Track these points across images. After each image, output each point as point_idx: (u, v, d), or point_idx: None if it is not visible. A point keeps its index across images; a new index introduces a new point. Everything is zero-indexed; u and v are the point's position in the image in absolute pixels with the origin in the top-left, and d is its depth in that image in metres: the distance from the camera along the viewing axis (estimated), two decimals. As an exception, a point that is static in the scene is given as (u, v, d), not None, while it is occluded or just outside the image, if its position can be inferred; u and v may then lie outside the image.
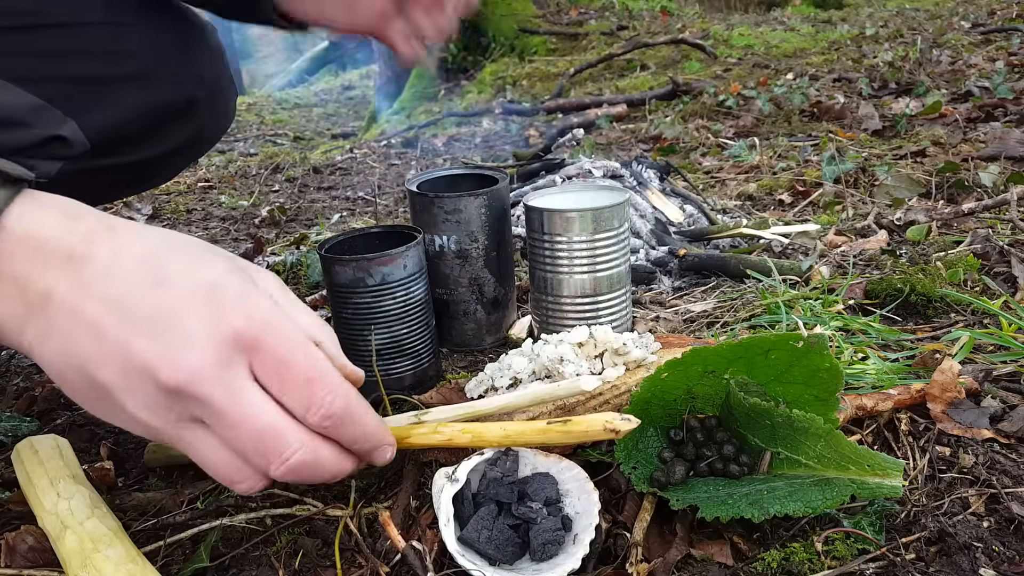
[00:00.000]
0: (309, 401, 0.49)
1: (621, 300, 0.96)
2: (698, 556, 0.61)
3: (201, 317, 0.46)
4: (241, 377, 0.48)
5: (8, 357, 1.20)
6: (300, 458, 0.50)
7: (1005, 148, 1.82)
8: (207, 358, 0.46)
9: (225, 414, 0.47)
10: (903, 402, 0.78)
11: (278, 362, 0.48)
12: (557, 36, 5.97)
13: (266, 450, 0.49)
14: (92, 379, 0.47)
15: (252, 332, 0.47)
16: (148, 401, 0.47)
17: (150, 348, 0.46)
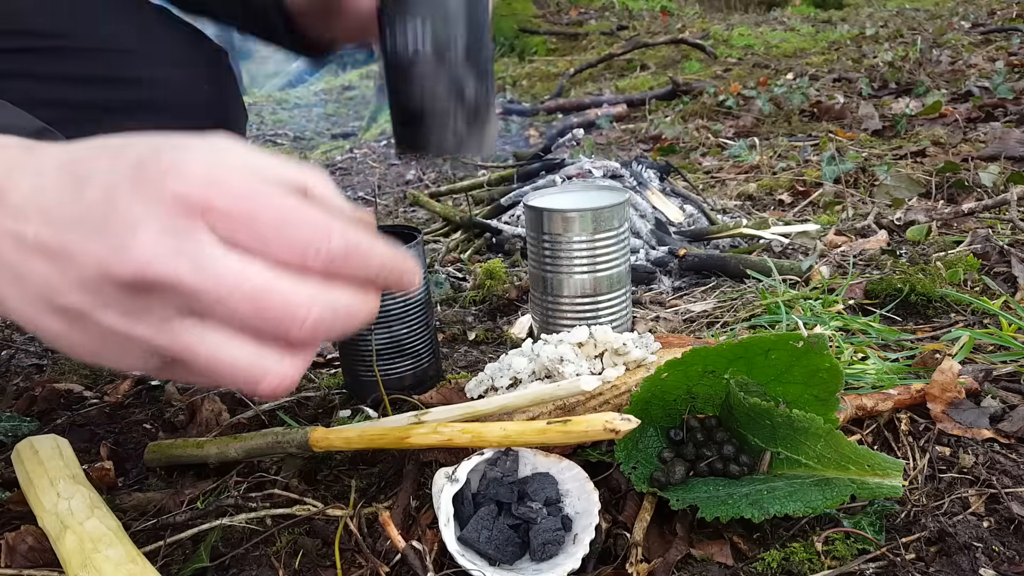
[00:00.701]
0: (301, 248, 0.41)
1: (621, 300, 0.96)
2: (698, 556, 0.61)
3: (134, 196, 0.39)
4: (204, 243, 0.39)
5: (8, 357, 1.20)
6: (318, 314, 0.41)
7: (1005, 148, 1.82)
8: (156, 235, 0.39)
9: (202, 289, 0.39)
10: (903, 402, 0.78)
11: (242, 216, 0.40)
12: (557, 36, 5.97)
13: (274, 318, 0.41)
14: (63, 309, 0.41)
15: (196, 194, 0.39)
16: (120, 308, 0.41)
17: (95, 248, 0.39)
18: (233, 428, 0.88)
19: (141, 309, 0.40)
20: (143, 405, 0.99)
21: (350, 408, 0.90)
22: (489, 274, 1.29)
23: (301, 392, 0.96)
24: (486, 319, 1.21)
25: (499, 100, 4.04)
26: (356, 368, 0.90)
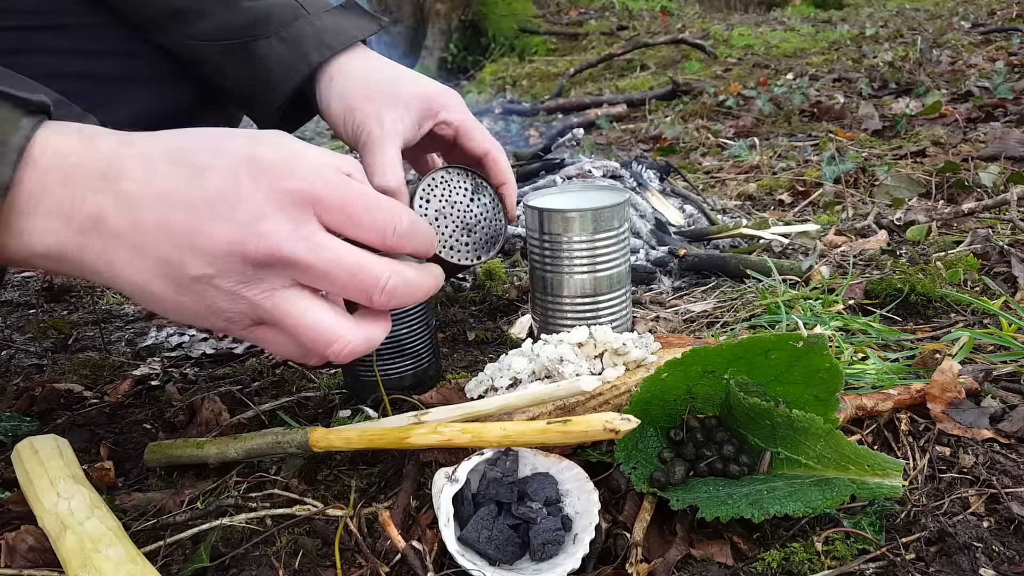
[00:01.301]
0: (381, 229, 0.52)
1: (621, 300, 0.96)
2: (698, 556, 0.61)
3: (256, 189, 0.48)
4: (315, 230, 0.50)
5: (8, 357, 1.20)
6: (393, 282, 0.52)
7: (1005, 148, 1.82)
8: (281, 222, 0.48)
9: (314, 265, 0.50)
10: (903, 402, 0.78)
11: (340, 206, 0.50)
12: (557, 36, 5.97)
13: (363, 286, 0.51)
14: (182, 278, 0.49)
15: (306, 188, 0.49)
16: (238, 278, 0.49)
17: (227, 229, 0.48)
18: (233, 428, 0.88)
19: (255, 279, 0.50)
20: (143, 405, 0.99)
21: (350, 408, 0.90)
22: (489, 274, 1.29)
23: (301, 392, 0.96)
24: (486, 319, 1.21)
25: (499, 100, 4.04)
26: (356, 368, 0.90)
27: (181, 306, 0.52)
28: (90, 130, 0.51)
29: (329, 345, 0.52)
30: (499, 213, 0.84)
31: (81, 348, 1.24)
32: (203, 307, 0.51)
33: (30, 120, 0.48)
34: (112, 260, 0.50)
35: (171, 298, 0.51)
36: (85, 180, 0.49)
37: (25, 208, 0.48)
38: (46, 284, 1.55)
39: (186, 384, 1.04)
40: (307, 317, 0.52)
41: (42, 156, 0.48)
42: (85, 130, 0.51)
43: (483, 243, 0.81)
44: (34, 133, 0.48)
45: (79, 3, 0.84)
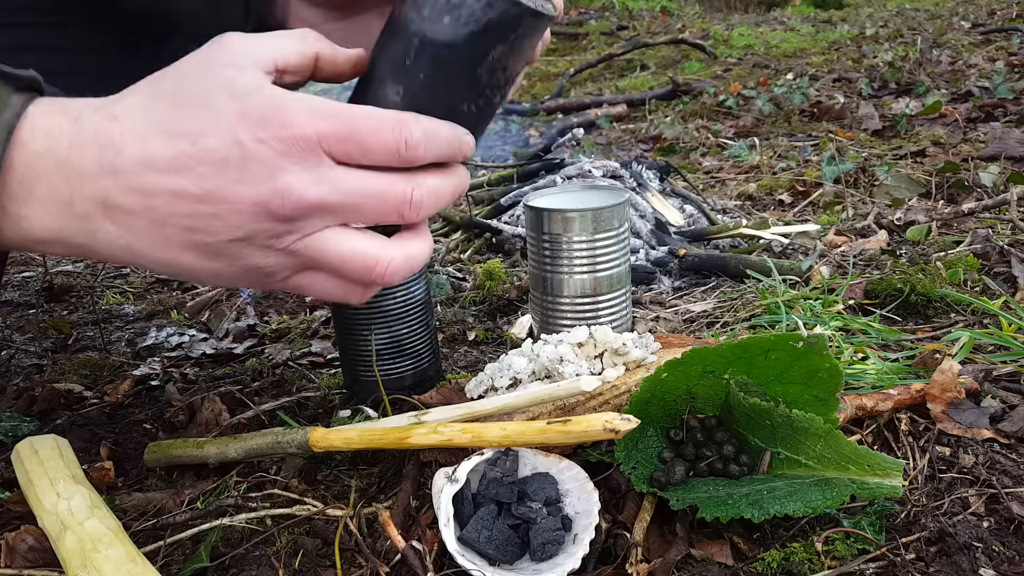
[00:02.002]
0: (392, 147, 0.50)
1: (621, 300, 0.96)
2: (698, 556, 0.61)
3: (260, 144, 0.47)
4: (331, 168, 0.49)
5: (8, 357, 1.20)
6: (418, 194, 0.51)
7: (1005, 148, 1.83)
8: (297, 172, 0.48)
9: (342, 203, 0.49)
10: (903, 402, 0.78)
11: (345, 137, 0.49)
12: (557, 36, 5.97)
13: (391, 207, 0.51)
14: (212, 245, 0.49)
15: (309, 131, 0.48)
16: (272, 233, 0.49)
17: (247, 190, 0.47)
18: (233, 428, 0.88)
19: (286, 232, 0.49)
20: (143, 405, 0.99)
21: (350, 408, 0.90)
22: (489, 274, 1.29)
23: (301, 392, 0.96)
24: (486, 319, 1.21)
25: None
26: (356, 368, 0.90)
27: (216, 272, 0.51)
28: (75, 108, 0.50)
29: (372, 269, 0.52)
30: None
31: (81, 348, 1.24)
32: (239, 268, 0.51)
33: (20, 97, 0.47)
34: (129, 242, 0.49)
35: (204, 266, 0.51)
36: (81, 164, 0.47)
37: (17, 193, 0.47)
38: (46, 284, 1.55)
39: (186, 384, 1.04)
40: (344, 249, 0.51)
41: (31, 138, 0.47)
42: (71, 108, 0.49)
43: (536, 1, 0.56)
44: (24, 111, 0.47)
45: None
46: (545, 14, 0.55)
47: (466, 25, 0.52)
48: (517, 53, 0.56)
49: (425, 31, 0.53)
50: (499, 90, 0.58)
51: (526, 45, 0.56)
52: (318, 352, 1.10)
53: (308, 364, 1.07)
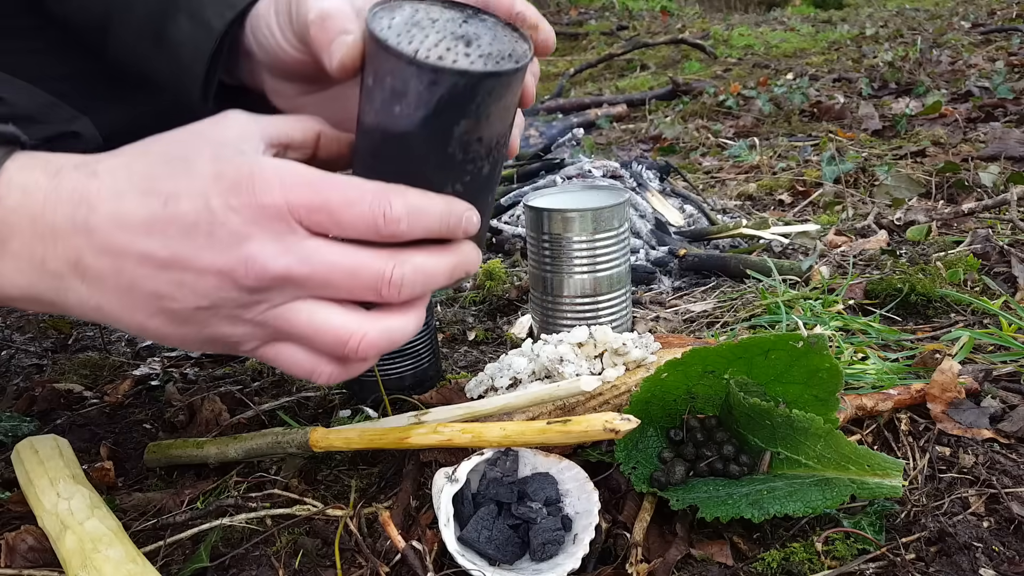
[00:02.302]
0: (369, 221, 0.47)
1: (621, 300, 0.96)
2: (698, 556, 0.61)
3: (230, 210, 0.45)
4: (302, 239, 0.46)
5: (8, 357, 1.20)
6: (399, 271, 0.48)
7: (1005, 148, 1.83)
8: (265, 241, 0.46)
9: (310, 276, 0.47)
10: (903, 402, 0.78)
11: (319, 207, 0.46)
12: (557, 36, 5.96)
13: (366, 283, 0.48)
14: (178, 312, 0.47)
15: (280, 199, 0.46)
16: (239, 303, 0.47)
17: (212, 257, 0.45)
18: (233, 428, 0.88)
19: (254, 302, 0.47)
20: (143, 405, 0.99)
21: (350, 408, 0.90)
22: (489, 274, 1.29)
23: (301, 392, 0.96)
24: (486, 319, 1.21)
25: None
26: (356, 368, 0.90)
27: (184, 338, 0.50)
28: (55, 163, 0.48)
29: (344, 343, 0.49)
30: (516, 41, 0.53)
31: (81, 348, 1.24)
32: (206, 336, 0.49)
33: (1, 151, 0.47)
34: (100, 303, 0.48)
35: (171, 332, 0.49)
36: (55, 222, 0.46)
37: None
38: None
39: (186, 384, 1.04)
40: (315, 321, 0.48)
41: (6, 193, 0.46)
42: (51, 163, 0.48)
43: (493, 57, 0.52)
44: (1, 166, 0.46)
45: None
46: (504, 72, 0.48)
47: (417, 110, 0.48)
48: (489, 118, 0.50)
49: (382, 123, 0.49)
50: (484, 160, 0.52)
51: (497, 108, 0.50)
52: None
53: (308, 364, 1.07)
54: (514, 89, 0.50)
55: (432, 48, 0.51)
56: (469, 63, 0.51)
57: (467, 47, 0.52)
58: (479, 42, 0.52)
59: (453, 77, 0.46)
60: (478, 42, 0.52)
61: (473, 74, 0.46)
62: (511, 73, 0.48)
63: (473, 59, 0.51)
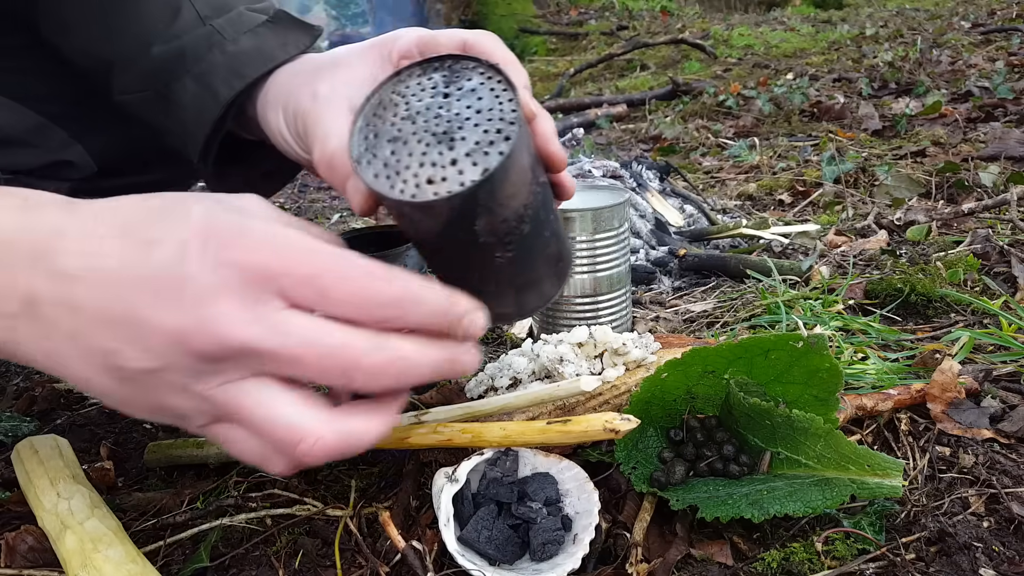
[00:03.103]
0: (361, 300, 0.43)
1: (621, 300, 0.96)
2: (698, 556, 0.61)
3: (203, 265, 0.41)
4: (276, 310, 0.41)
5: (8, 357, 1.20)
6: (378, 358, 0.43)
7: (1005, 148, 1.82)
8: (232, 305, 0.40)
9: (277, 352, 0.41)
10: (903, 402, 0.78)
11: (307, 279, 0.42)
12: (557, 36, 5.97)
13: (342, 366, 0.42)
14: (124, 371, 0.42)
15: (261, 260, 0.41)
16: (190, 372, 0.42)
17: (170, 316, 0.40)
18: (233, 428, 0.88)
19: (207, 372, 0.42)
20: (143, 405, 0.99)
21: (350, 408, 0.90)
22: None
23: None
24: (486, 319, 1.21)
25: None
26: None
27: (128, 400, 0.45)
28: (37, 199, 0.45)
29: (294, 445, 0.43)
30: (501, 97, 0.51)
31: (81, 348, 1.24)
32: (152, 402, 0.44)
33: None
34: (49, 350, 0.43)
35: (118, 393, 0.44)
36: (19, 256, 0.43)
37: None
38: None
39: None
40: (267, 411, 0.43)
41: None
42: (31, 199, 0.45)
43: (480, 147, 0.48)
44: None
45: None
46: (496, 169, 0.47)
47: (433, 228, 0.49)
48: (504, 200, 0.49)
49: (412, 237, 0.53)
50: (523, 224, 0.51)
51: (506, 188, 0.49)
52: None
53: (308, 364, 1.07)
54: (515, 165, 0.49)
55: (419, 170, 0.48)
56: (458, 175, 0.47)
57: (451, 149, 0.49)
58: (463, 131, 0.49)
59: (447, 204, 0.46)
60: (462, 133, 0.49)
61: (465, 192, 0.46)
62: (505, 162, 0.47)
63: (461, 165, 0.48)
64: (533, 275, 0.59)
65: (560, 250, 0.61)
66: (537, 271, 0.59)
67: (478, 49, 0.62)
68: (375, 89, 0.53)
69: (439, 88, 0.52)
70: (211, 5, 0.73)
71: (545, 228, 0.56)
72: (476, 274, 0.54)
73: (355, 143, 0.50)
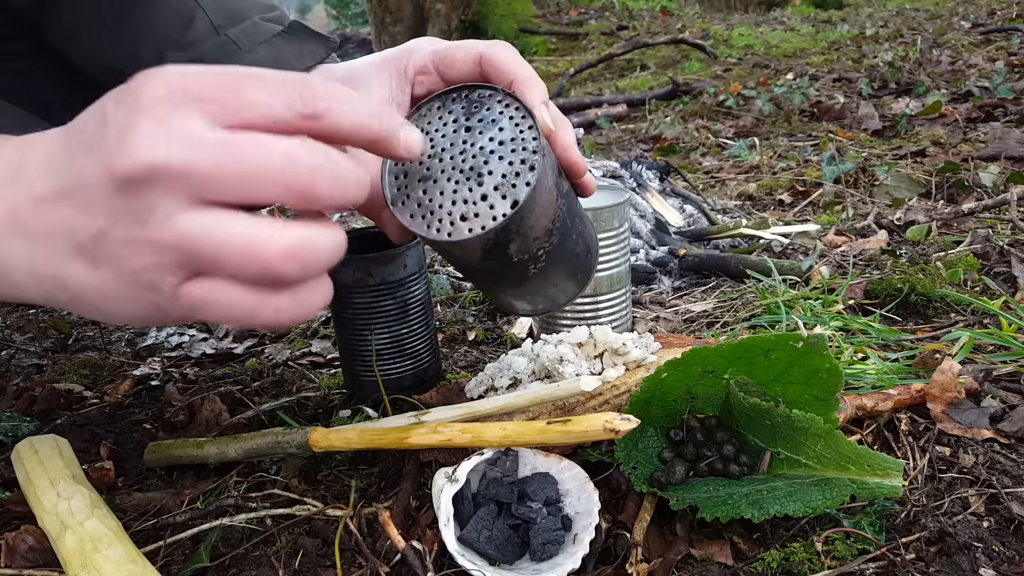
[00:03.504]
0: (283, 95, 0.40)
1: (621, 300, 0.96)
2: (698, 556, 0.61)
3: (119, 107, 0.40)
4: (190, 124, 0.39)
5: (8, 357, 1.20)
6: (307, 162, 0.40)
7: (1005, 148, 1.82)
8: (146, 129, 0.38)
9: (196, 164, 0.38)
10: (903, 402, 0.78)
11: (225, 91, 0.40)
12: (557, 36, 5.97)
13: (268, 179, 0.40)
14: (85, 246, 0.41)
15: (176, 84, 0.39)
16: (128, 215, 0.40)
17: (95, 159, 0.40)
18: (233, 428, 0.88)
19: (143, 209, 0.39)
20: (143, 405, 0.99)
21: (350, 408, 0.90)
22: (489, 274, 1.29)
23: (301, 392, 0.96)
24: (486, 319, 1.21)
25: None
26: (356, 368, 0.90)
27: (107, 287, 0.42)
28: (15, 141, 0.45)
29: (259, 253, 0.40)
30: (521, 125, 0.52)
31: (81, 348, 1.24)
32: (122, 276, 0.42)
33: None
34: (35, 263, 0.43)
35: (90, 280, 0.42)
36: None
37: None
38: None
39: (186, 384, 1.04)
40: (219, 232, 0.40)
41: None
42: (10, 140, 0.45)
43: (507, 180, 0.50)
44: None
45: None
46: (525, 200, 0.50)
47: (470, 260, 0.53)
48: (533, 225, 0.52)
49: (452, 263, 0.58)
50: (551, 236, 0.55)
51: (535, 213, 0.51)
52: (318, 352, 1.10)
53: (308, 364, 1.07)
54: (541, 191, 0.51)
55: (452, 208, 0.51)
56: (489, 209, 0.51)
57: (480, 185, 0.51)
58: (489, 165, 0.51)
59: (481, 241, 0.50)
60: (488, 167, 0.51)
61: (497, 227, 0.50)
62: (532, 192, 0.50)
63: (492, 199, 0.51)
64: (564, 274, 0.63)
65: (588, 245, 0.65)
66: (568, 269, 0.63)
67: (495, 63, 0.61)
68: None
69: (460, 121, 0.54)
70: (224, 15, 0.73)
71: (572, 232, 0.60)
72: (513, 288, 0.59)
73: (387, 184, 0.53)
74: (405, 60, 0.64)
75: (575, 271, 0.65)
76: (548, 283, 0.62)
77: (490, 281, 0.61)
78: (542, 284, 0.61)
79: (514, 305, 0.67)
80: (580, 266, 0.65)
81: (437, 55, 0.63)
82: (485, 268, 0.55)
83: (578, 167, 0.60)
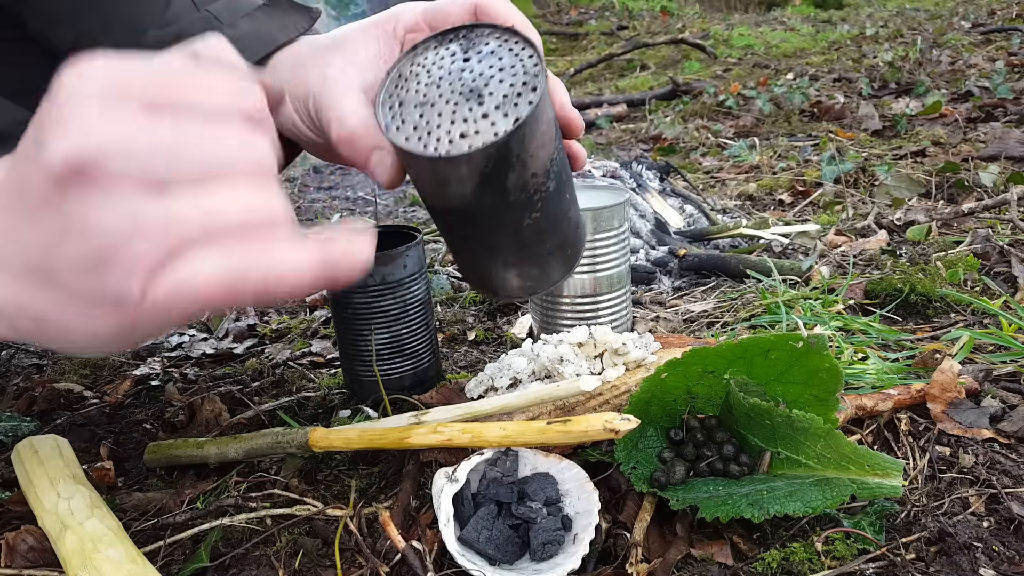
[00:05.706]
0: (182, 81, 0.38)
1: (621, 300, 0.96)
2: (698, 556, 0.61)
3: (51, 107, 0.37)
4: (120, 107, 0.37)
5: (8, 357, 1.20)
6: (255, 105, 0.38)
7: (1005, 148, 1.82)
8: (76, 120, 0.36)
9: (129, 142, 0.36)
10: (903, 402, 0.78)
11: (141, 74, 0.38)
12: (557, 36, 5.97)
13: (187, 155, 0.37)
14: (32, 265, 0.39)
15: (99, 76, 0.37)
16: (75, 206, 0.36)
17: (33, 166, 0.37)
18: (233, 428, 0.88)
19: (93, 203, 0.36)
20: (143, 405, 0.99)
21: (350, 408, 0.90)
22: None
23: (301, 392, 0.96)
24: (486, 319, 1.21)
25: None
26: (356, 368, 0.90)
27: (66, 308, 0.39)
28: None
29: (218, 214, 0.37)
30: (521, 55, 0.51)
31: (81, 348, 1.24)
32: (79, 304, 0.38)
33: None
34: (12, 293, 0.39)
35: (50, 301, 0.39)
36: None
37: None
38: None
39: (186, 384, 1.04)
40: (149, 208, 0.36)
41: None
42: None
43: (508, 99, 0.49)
44: None
45: None
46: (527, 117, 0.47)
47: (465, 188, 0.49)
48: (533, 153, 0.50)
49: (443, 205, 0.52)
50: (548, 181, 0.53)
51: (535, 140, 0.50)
52: (318, 352, 1.10)
53: (308, 364, 1.07)
54: (542, 115, 0.50)
55: (451, 128, 0.49)
56: (491, 126, 0.48)
57: (480, 104, 0.49)
58: (489, 87, 0.50)
59: (483, 155, 0.47)
60: (488, 89, 0.50)
61: (500, 141, 0.47)
62: (534, 110, 0.48)
63: (493, 118, 0.49)
64: (557, 240, 0.60)
65: (577, 217, 0.63)
66: (560, 235, 0.60)
67: (491, 12, 0.60)
68: (393, 64, 0.53)
69: (458, 56, 0.52)
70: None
71: (566, 189, 0.58)
72: (505, 241, 0.55)
73: (381, 114, 0.51)
74: (393, 21, 0.63)
75: (566, 242, 0.62)
76: (541, 246, 0.59)
77: (480, 234, 0.56)
78: (535, 244, 0.58)
79: (503, 277, 0.62)
80: (571, 238, 0.62)
81: (428, 12, 0.62)
82: (479, 210, 0.51)
83: (576, 124, 0.60)
